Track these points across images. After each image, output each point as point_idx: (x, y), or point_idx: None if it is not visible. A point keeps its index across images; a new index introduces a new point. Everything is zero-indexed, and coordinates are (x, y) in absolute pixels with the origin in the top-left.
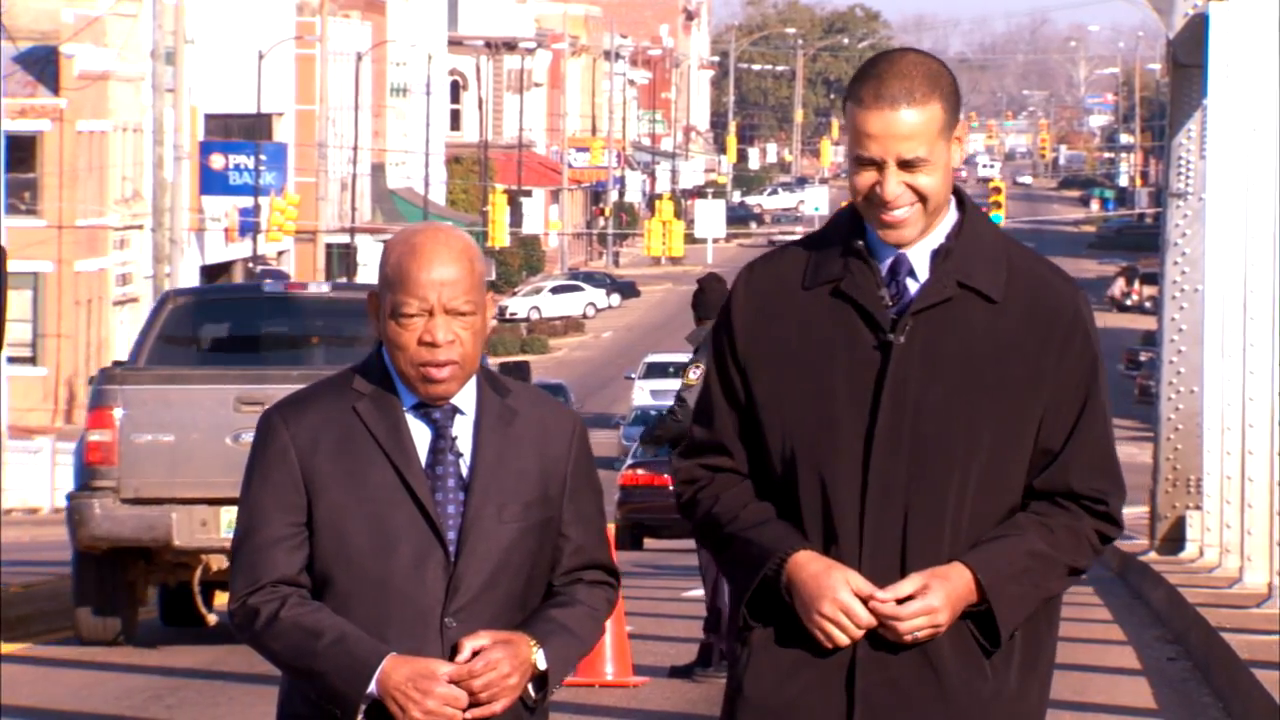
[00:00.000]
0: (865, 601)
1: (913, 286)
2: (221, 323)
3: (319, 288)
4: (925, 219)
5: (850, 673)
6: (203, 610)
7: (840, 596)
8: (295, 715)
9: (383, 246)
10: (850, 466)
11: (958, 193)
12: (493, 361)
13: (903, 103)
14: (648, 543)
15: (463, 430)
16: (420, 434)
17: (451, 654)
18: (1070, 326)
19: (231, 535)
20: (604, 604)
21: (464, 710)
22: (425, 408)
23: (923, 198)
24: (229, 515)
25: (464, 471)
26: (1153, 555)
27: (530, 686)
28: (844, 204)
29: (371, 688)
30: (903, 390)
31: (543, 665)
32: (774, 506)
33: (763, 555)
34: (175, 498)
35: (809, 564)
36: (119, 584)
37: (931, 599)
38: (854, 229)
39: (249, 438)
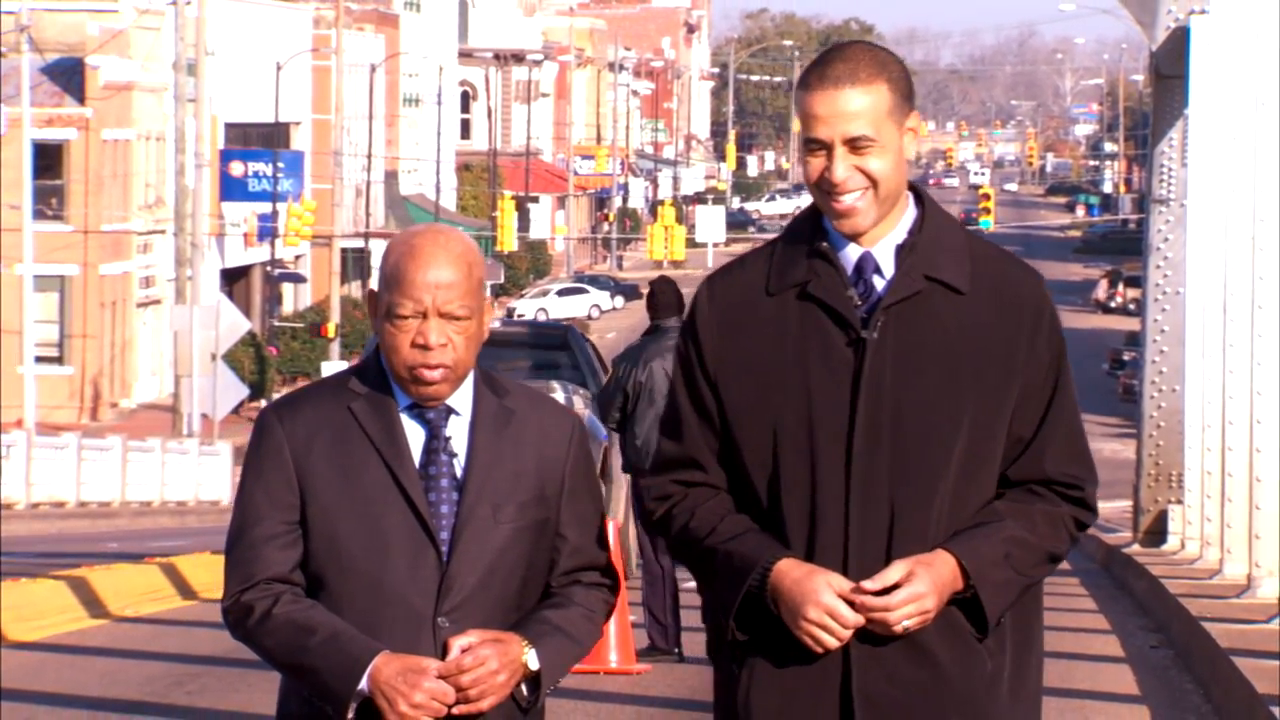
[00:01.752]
0: (851, 603)
1: (879, 284)
2: None
3: (508, 326)
4: (878, 207)
5: (846, 675)
6: None
7: (824, 600)
8: (290, 715)
9: (386, 246)
10: (833, 467)
11: (916, 189)
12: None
13: (846, 82)
14: None
15: (458, 431)
16: (415, 434)
17: (444, 655)
18: (1037, 315)
19: None
20: (601, 605)
21: (451, 706)
22: (420, 408)
23: (874, 182)
24: None
25: (458, 472)
26: (1136, 548)
27: (524, 687)
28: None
29: (363, 684)
30: (880, 386)
31: (535, 665)
32: (751, 518)
33: (744, 567)
34: None
35: (791, 571)
36: None
37: (917, 585)
38: (815, 231)
39: None
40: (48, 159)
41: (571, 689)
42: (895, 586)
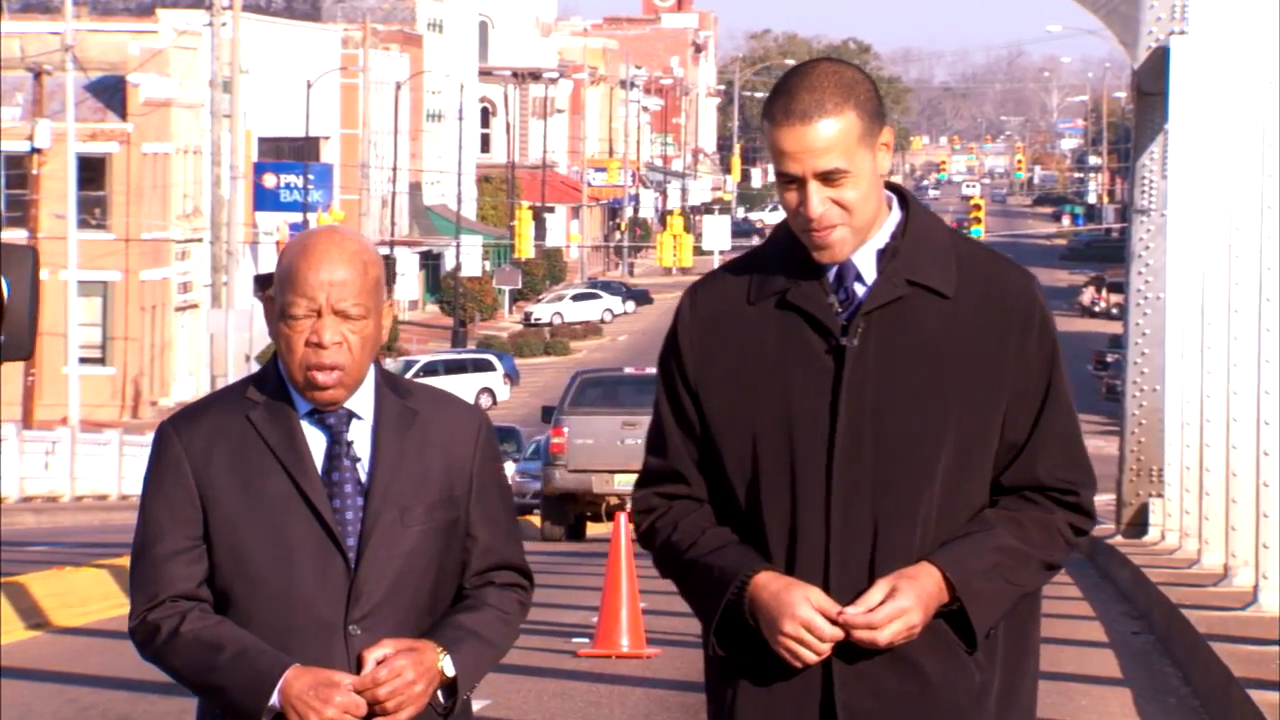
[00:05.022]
0: (835, 619)
1: (861, 290)
2: (604, 386)
3: (649, 369)
4: (855, 236)
5: (827, 693)
6: (586, 532)
7: (800, 613)
8: None
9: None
10: (813, 478)
11: (900, 191)
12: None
13: (814, 116)
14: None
15: (360, 435)
16: (316, 441)
17: (358, 665)
18: (1026, 316)
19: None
20: (515, 606)
21: (368, 718)
22: (320, 413)
23: (849, 211)
24: (618, 479)
25: (363, 477)
26: (1119, 539)
27: (440, 694)
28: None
29: (274, 700)
30: (860, 394)
31: (451, 672)
32: (734, 530)
33: (724, 580)
34: (593, 469)
35: (769, 584)
36: (563, 511)
37: (902, 600)
38: (797, 240)
39: (631, 440)
40: (91, 171)
41: (585, 671)
42: (879, 605)
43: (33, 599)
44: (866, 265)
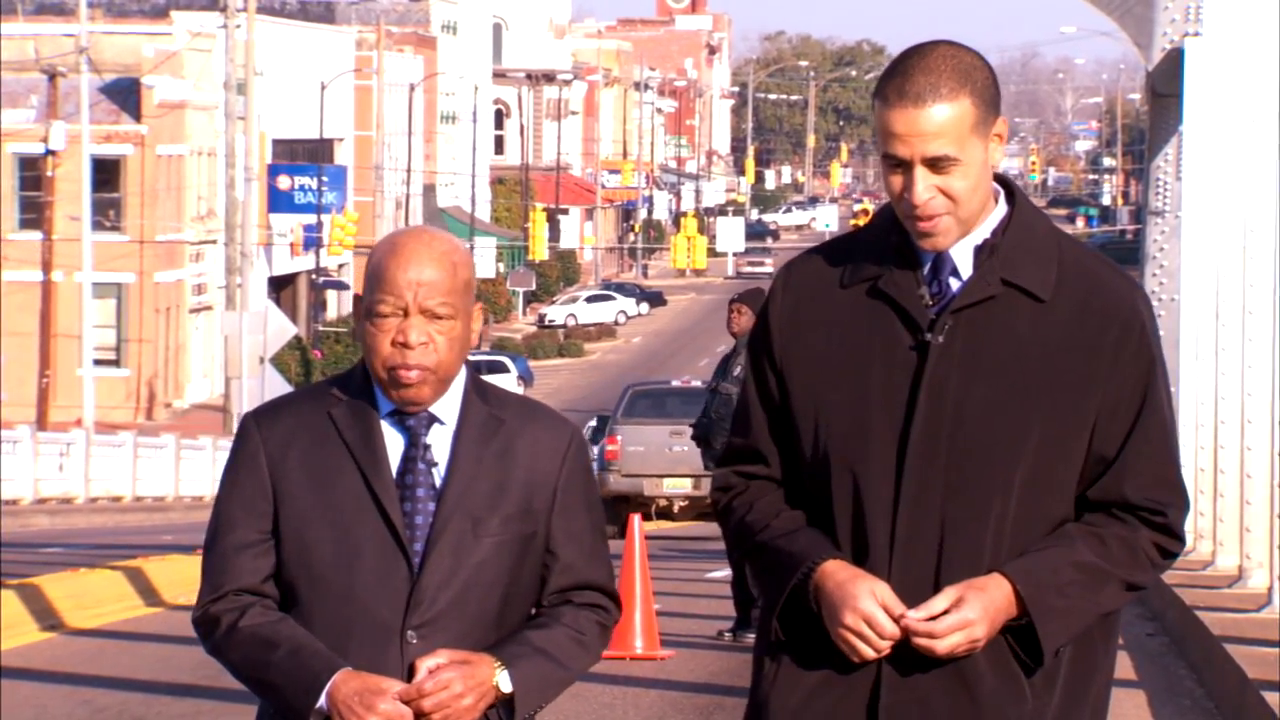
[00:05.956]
0: (897, 619)
1: (955, 285)
2: (653, 398)
3: (694, 382)
4: (960, 226)
5: (875, 692)
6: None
7: (862, 605)
8: None
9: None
10: (883, 474)
11: (1008, 185)
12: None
13: (928, 99)
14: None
15: (441, 440)
16: (395, 442)
17: (410, 672)
18: (1125, 326)
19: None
20: (593, 627)
21: None
22: (402, 414)
23: (956, 201)
24: (666, 482)
25: (437, 482)
26: None
27: (500, 711)
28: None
29: (321, 701)
30: (941, 393)
31: (507, 688)
32: (806, 515)
33: (792, 565)
34: (643, 474)
35: (836, 573)
36: (616, 511)
37: (967, 611)
38: (895, 226)
39: (678, 448)
40: (106, 173)
41: (598, 673)
42: (943, 614)
43: (47, 600)
44: (964, 260)
